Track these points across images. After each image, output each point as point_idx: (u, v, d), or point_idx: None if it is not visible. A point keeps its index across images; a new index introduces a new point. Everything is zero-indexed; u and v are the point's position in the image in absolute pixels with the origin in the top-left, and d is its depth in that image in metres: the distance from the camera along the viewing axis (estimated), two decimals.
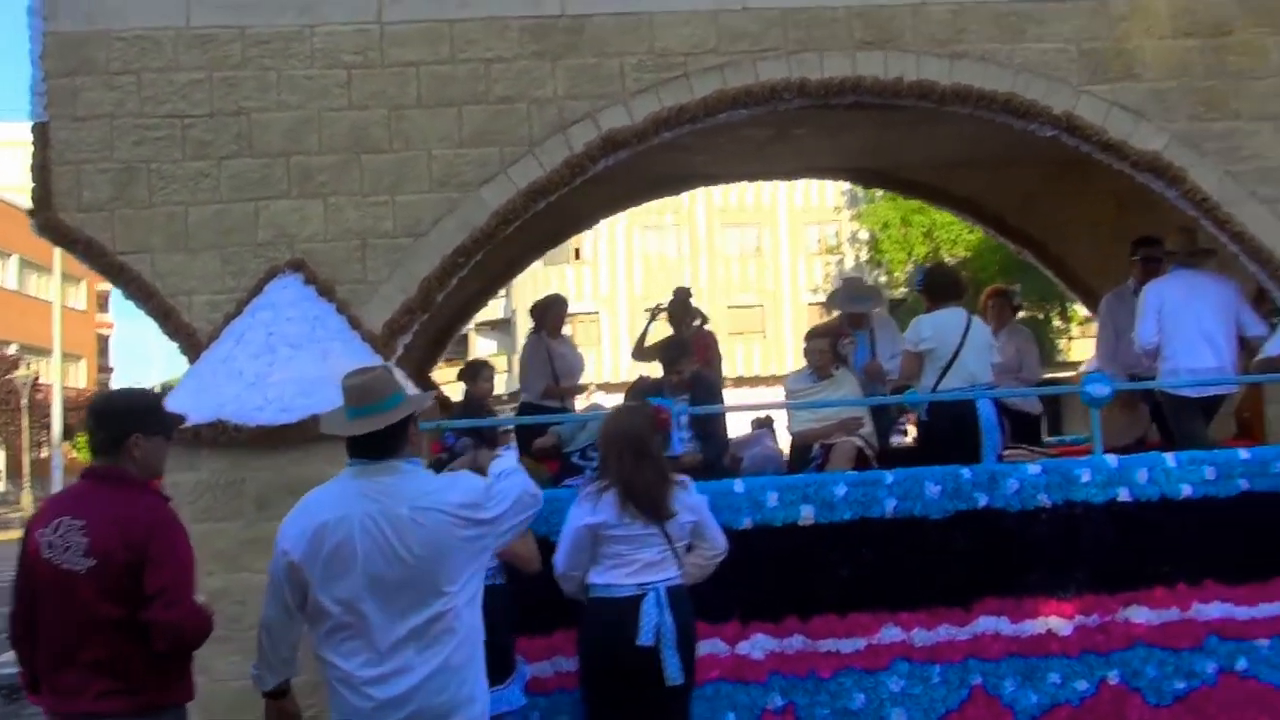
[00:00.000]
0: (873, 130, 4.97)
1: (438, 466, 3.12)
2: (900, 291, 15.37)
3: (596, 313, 26.05)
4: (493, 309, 29.45)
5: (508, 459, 2.56)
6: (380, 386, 2.38)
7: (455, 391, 5.38)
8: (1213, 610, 3.77)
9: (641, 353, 5.37)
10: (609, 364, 24.84)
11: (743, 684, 3.63)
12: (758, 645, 3.65)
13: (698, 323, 5.33)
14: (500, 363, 25.20)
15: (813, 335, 4.44)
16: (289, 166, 3.95)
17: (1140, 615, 3.75)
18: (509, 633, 3.04)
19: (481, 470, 2.66)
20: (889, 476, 3.75)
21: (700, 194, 25.81)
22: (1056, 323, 18.18)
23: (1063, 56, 4.17)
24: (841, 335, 4.52)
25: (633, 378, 5.25)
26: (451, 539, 2.23)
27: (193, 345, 3.83)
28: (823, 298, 24.98)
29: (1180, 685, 3.74)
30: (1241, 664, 3.78)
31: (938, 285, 4.25)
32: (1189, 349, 4.31)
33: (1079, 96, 4.17)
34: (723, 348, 5.55)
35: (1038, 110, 4.13)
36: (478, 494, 2.29)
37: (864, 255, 22.28)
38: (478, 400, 4.36)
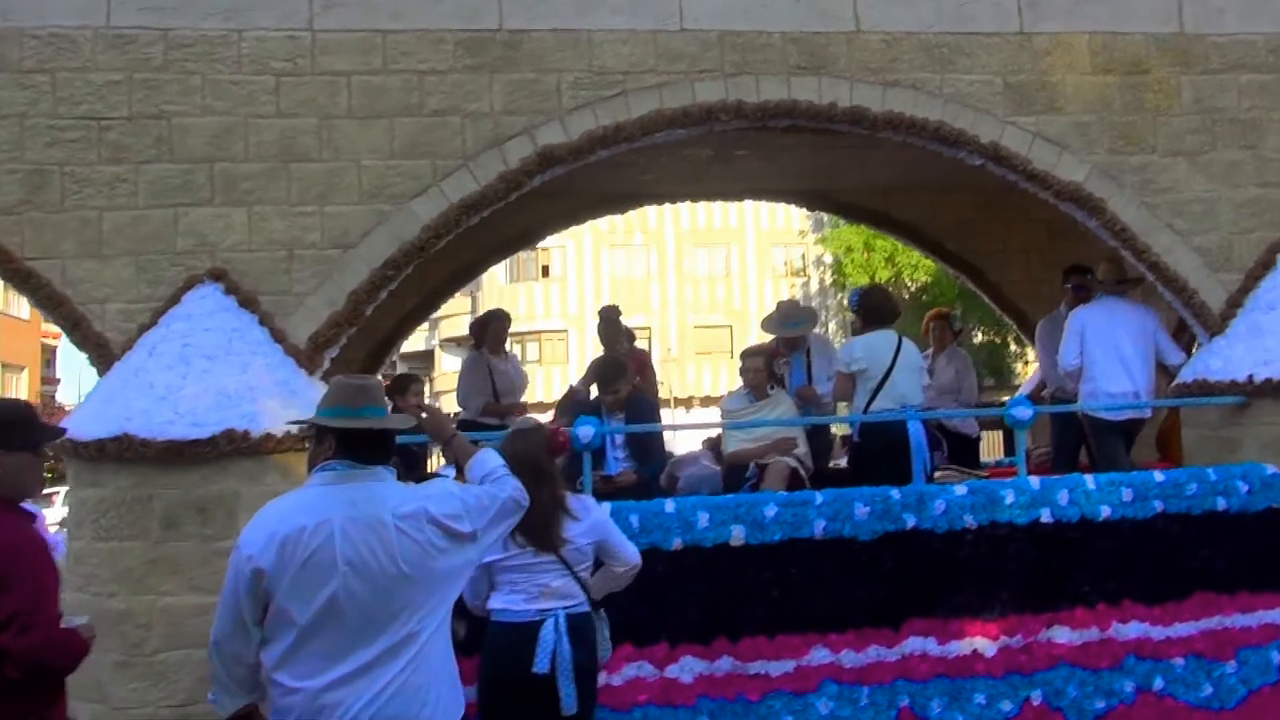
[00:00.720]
0: (811, 154, 5.07)
1: None
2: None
3: (565, 330, 25.99)
4: (459, 325, 29.32)
5: (490, 456, 2.44)
6: (378, 393, 2.32)
7: None
8: (1131, 630, 3.88)
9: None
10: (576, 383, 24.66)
11: (671, 708, 3.60)
12: (686, 668, 3.62)
13: (629, 343, 5.32)
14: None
15: (749, 355, 4.48)
16: (212, 173, 3.85)
17: (1062, 635, 3.83)
18: None
19: (459, 465, 2.57)
20: (819, 497, 3.78)
21: (669, 214, 26.15)
22: (1012, 346, 18.71)
23: (989, 88, 4.33)
24: (777, 355, 4.56)
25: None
26: (434, 551, 2.15)
27: (103, 356, 3.69)
28: None
29: (1100, 704, 3.83)
30: (1158, 683, 3.89)
31: (872, 307, 4.34)
32: (1108, 373, 4.47)
33: (1004, 127, 4.32)
34: (689, 367, 5.50)
35: (966, 139, 4.27)
36: (457, 505, 2.21)
37: (828, 278, 22.68)
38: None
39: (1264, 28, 4.54)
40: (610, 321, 5.36)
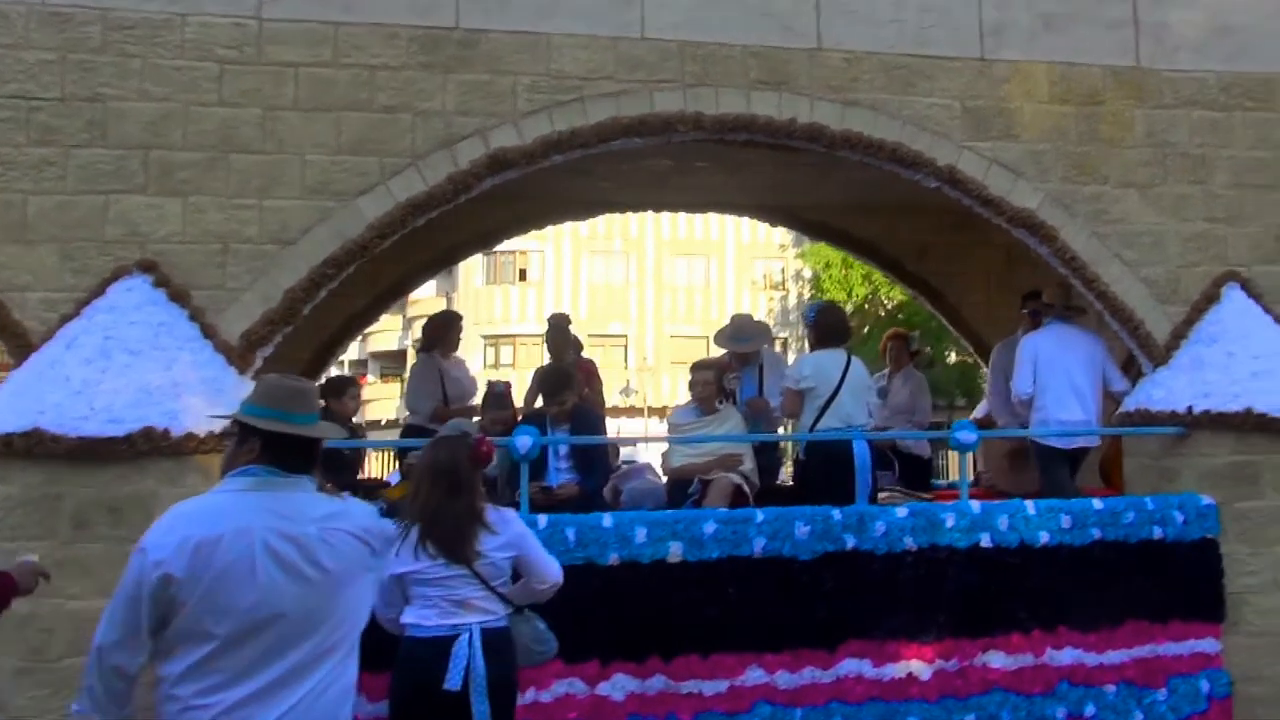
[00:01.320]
0: (771, 169, 5.07)
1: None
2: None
3: (540, 335, 25.69)
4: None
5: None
6: (313, 399, 2.20)
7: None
8: (1065, 656, 3.92)
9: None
10: None
11: None
12: (618, 686, 3.58)
13: (577, 352, 5.26)
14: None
15: (698, 368, 4.46)
16: (147, 160, 3.73)
17: (997, 660, 3.86)
18: None
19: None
20: (759, 515, 3.77)
21: (650, 223, 26.14)
22: (984, 368, 18.95)
23: (947, 112, 4.36)
24: (727, 369, 4.54)
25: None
26: (355, 564, 2.06)
27: (21, 346, 3.55)
28: None
29: None
30: (1089, 709, 3.93)
31: (825, 325, 4.34)
32: (1059, 401, 4.51)
33: (961, 151, 4.35)
34: (665, 376, 5.42)
35: (923, 161, 4.29)
36: (375, 518, 2.14)
37: (806, 292, 22.80)
38: (342, 420, 4.17)
39: (1215, 66, 4.64)
40: (559, 330, 5.30)
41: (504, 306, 26.45)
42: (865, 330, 15.21)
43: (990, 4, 4.45)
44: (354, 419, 4.27)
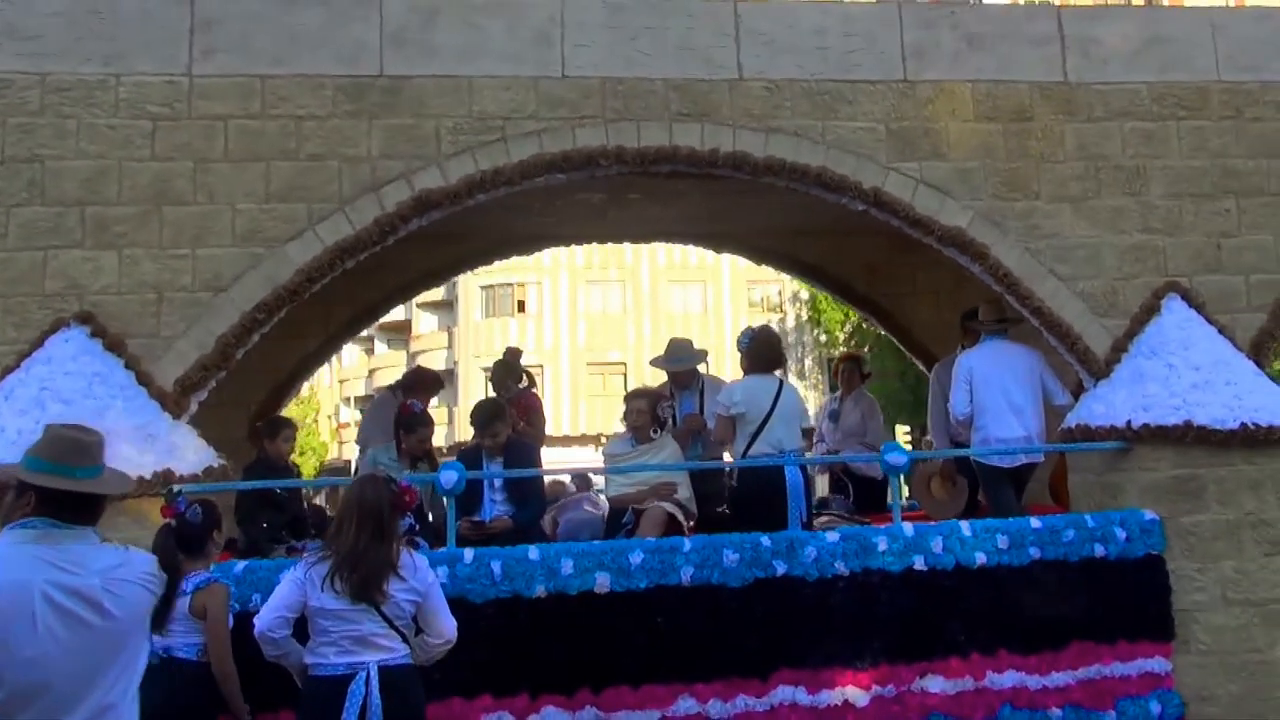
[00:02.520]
0: (703, 198, 5.18)
1: (176, 532, 3.04)
2: (839, 350, 15.75)
3: (540, 366, 26.21)
4: (437, 359, 29.42)
5: None
6: (95, 451, 2.27)
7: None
8: (1006, 679, 3.91)
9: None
10: (550, 418, 24.84)
11: None
12: (548, 718, 3.62)
13: (523, 384, 5.38)
14: (439, 415, 24.80)
15: (632, 397, 4.53)
16: (84, 216, 3.93)
17: (935, 685, 3.85)
18: (216, 715, 2.96)
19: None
20: (687, 544, 3.82)
21: (645, 251, 26.46)
22: None
23: (872, 135, 4.45)
24: (661, 398, 4.62)
25: (574, 432, 5.20)
26: (144, 611, 2.13)
27: None
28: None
29: None
30: None
31: (757, 351, 4.40)
32: (997, 419, 4.53)
33: (887, 173, 4.44)
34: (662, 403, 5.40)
35: (848, 185, 4.38)
36: (156, 565, 2.21)
37: (805, 314, 22.82)
38: (275, 461, 4.29)
39: (1147, 76, 4.70)
40: (504, 364, 5.42)
41: (503, 338, 26.87)
42: (866, 349, 15.19)
43: (913, 26, 4.56)
44: (286, 459, 4.39)
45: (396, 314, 33.78)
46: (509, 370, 5.37)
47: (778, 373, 4.43)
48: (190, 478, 3.65)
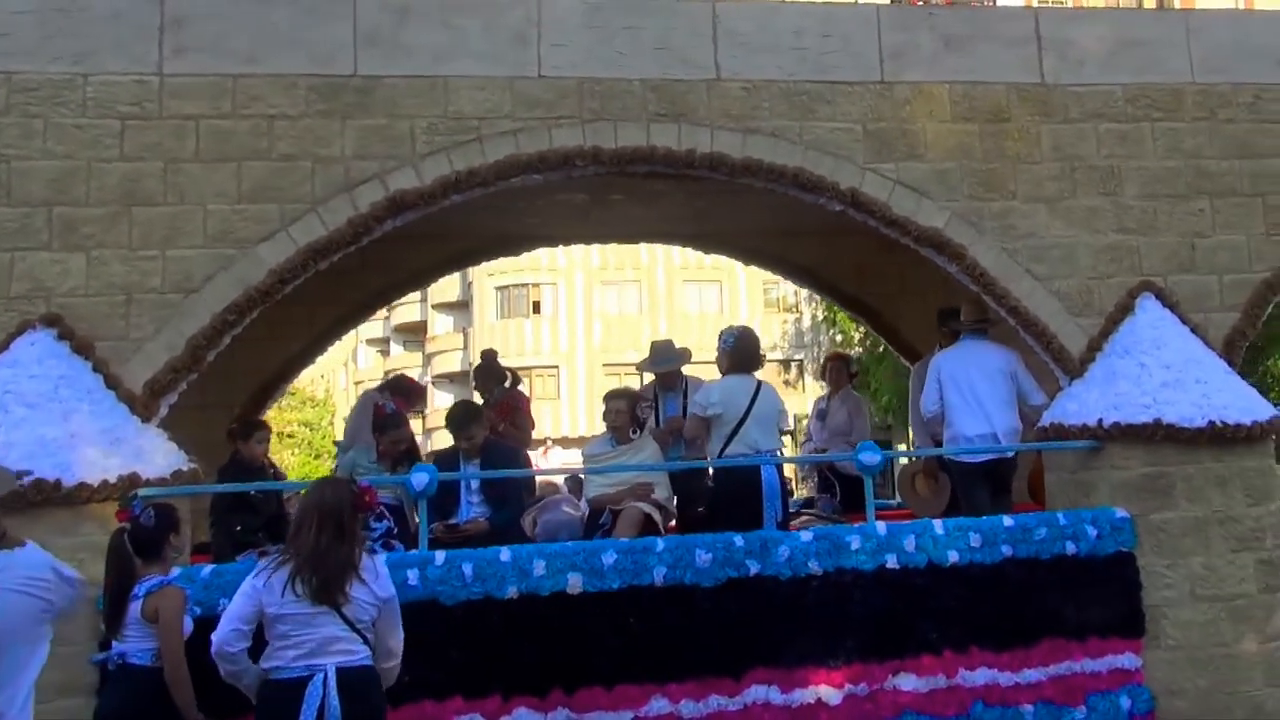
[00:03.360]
0: (685, 199, 5.22)
1: (131, 536, 3.05)
2: (855, 351, 15.83)
3: (555, 367, 26.41)
4: (452, 360, 29.53)
5: None
6: None
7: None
8: (978, 677, 3.97)
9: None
10: (566, 419, 25.21)
11: None
12: None
13: (507, 384, 5.39)
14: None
15: (611, 397, 4.57)
16: (51, 217, 3.92)
17: (908, 683, 3.91)
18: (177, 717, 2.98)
19: None
20: (660, 544, 3.86)
21: (660, 251, 26.63)
22: None
23: (849, 136, 4.49)
24: (640, 399, 4.65)
25: (589, 433, 5.23)
26: (30, 620, 2.11)
27: None
28: (780, 355, 25.86)
29: None
30: None
31: (738, 352, 4.44)
32: (964, 417, 4.59)
33: (864, 174, 4.48)
34: (676, 400, 5.43)
35: (825, 185, 4.42)
36: (51, 564, 2.20)
37: (820, 313, 22.94)
38: (249, 462, 4.30)
39: (1122, 79, 4.76)
40: (486, 366, 5.43)
41: (518, 339, 27.18)
42: (880, 350, 15.21)
43: (890, 27, 4.60)
44: (261, 461, 4.39)
45: (413, 315, 34.08)
46: (490, 373, 5.39)
47: (758, 374, 4.47)
48: (158, 481, 3.66)
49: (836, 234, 6.05)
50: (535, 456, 6.52)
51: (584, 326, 26.80)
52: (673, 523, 4.60)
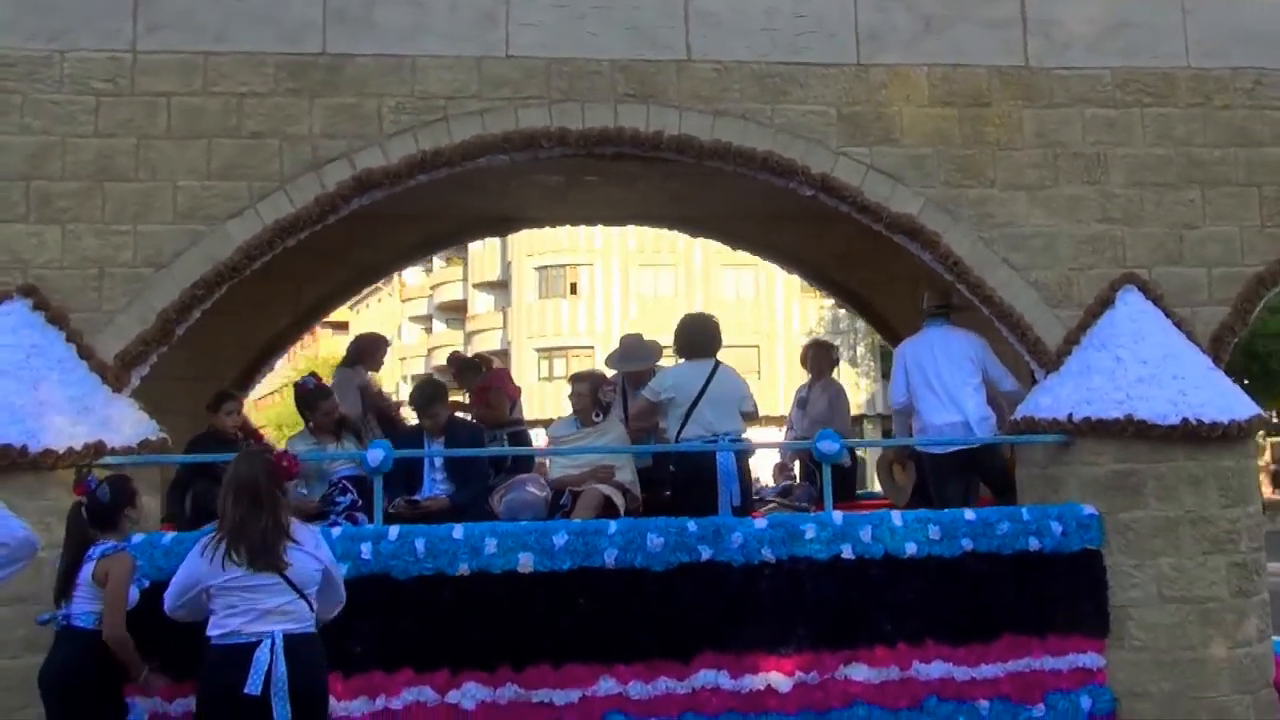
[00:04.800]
0: (658, 180, 5.24)
1: (87, 509, 3.19)
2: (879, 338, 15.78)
3: (591, 347, 26.86)
4: (493, 339, 30.02)
5: None
6: None
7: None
8: (933, 670, 4.00)
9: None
10: None
11: None
12: (469, 694, 3.78)
13: (485, 370, 5.58)
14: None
15: (575, 380, 4.64)
16: (28, 191, 4.08)
17: (859, 673, 3.95)
18: (116, 679, 3.12)
19: None
20: (612, 526, 3.93)
21: None
22: None
23: (822, 119, 4.48)
24: (604, 382, 4.70)
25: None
26: None
27: None
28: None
29: None
30: None
31: (689, 338, 4.47)
32: (931, 406, 4.58)
33: (837, 158, 4.47)
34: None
35: (795, 169, 4.42)
36: None
37: None
38: (220, 434, 4.45)
39: (1111, 62, 4.67)
40: (457, 370, 5.68)
41: (555, 320, 27.63)
42: None
43: (867, 8, 4.57)
44: (232, 433, 4.54)
45: (455, 293, 34.78)
46: (462, 372, 5.58)
47: (721, 357, 4.50)
48: (124, 450, 3.82)
49: (823, 219, 6.01)
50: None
51: (620, 308, 27.07)
52: (637, 506, 4.66)
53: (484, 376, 5.42)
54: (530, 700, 3.80)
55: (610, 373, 5.09)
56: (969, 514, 4.13)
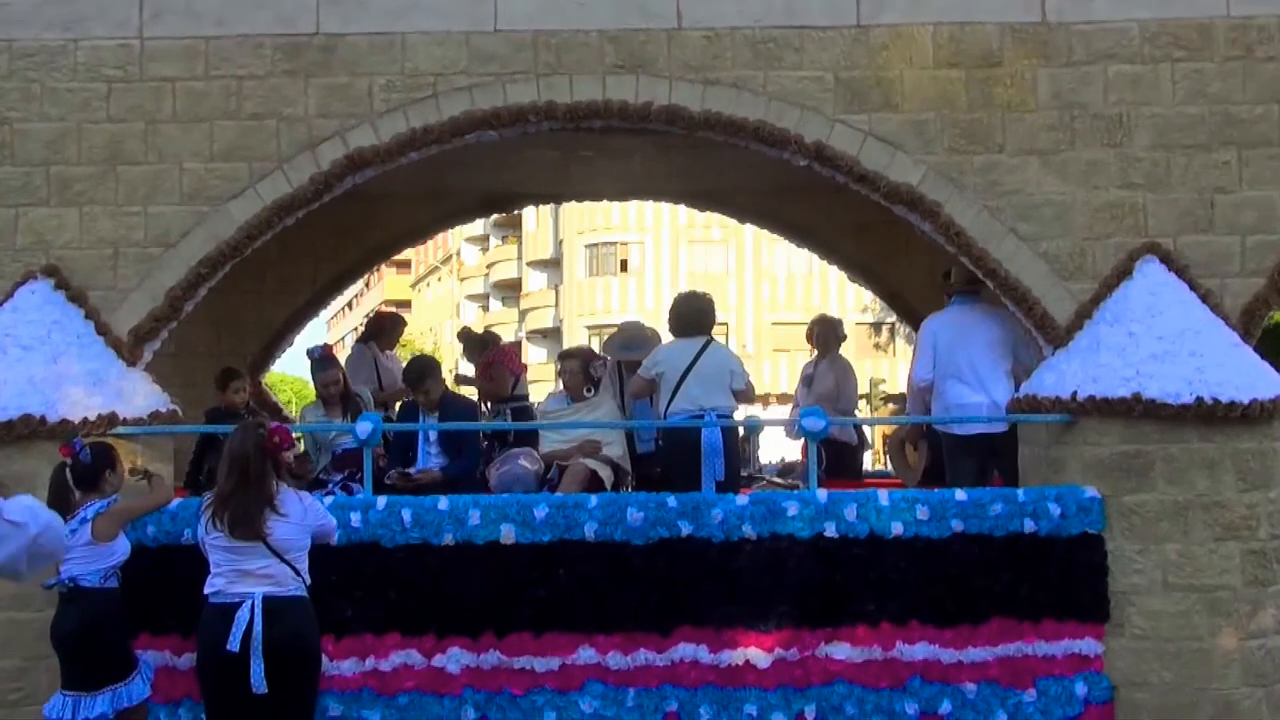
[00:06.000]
0: (655, 153, 5.20)
1: (71, 470, 3.47)
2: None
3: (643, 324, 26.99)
4: (544, 317, 30.59)
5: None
6: None
7: None
8: (917, 651, 3.99)
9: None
10: None
11: (437, 696, 3.96)
12: (453, 659, 3.97)
13: (491, 346, 5.79)
14: (547, 371, 26.43)
15: (565, 357, 4.73)
16: (49, 176, 4.37)
17: (841, 652, 3.98)
18: (125, 633, 3.39)
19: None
20: (592, 500, 4.03)
21: None
22: None
23: (818, 85, 4.38)
24: (594, 357, 4.76)
25: None
26: None
27: None
28: (870, 318, 25.34)
29: None
30: (945, 707, 4.00)
31: (681, 316, 4.49)
32: (957, 386, 4.50)
33: (833, 126, 4.37)
34: (765, 364, 5.71)
35: (788, 139, 4.35)
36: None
37: None
38: (230, 410, 4.73)
39: (1140, 13, 4.41)
40: (466, 345, 5.83)
41: (605, 297, 28.05)
42: None
43: None
44: (240, 410, 4.82)
45: (509, 272, 35.58)
46: (470, 346, 5.75)
47: (714, 334, 4.51)
48: (135, 420, 4.11)
49: (834, 191, 5.85)
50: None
51: (670, 284, 27.25)
52: (631, 480, 4.74)
53: (489, 352, 5.58)
54: (512, 666, 3.97)
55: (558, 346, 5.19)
56: (959, 494, 4.06)
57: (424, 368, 4.57)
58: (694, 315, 4.48)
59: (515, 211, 6.58)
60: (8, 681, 3.91)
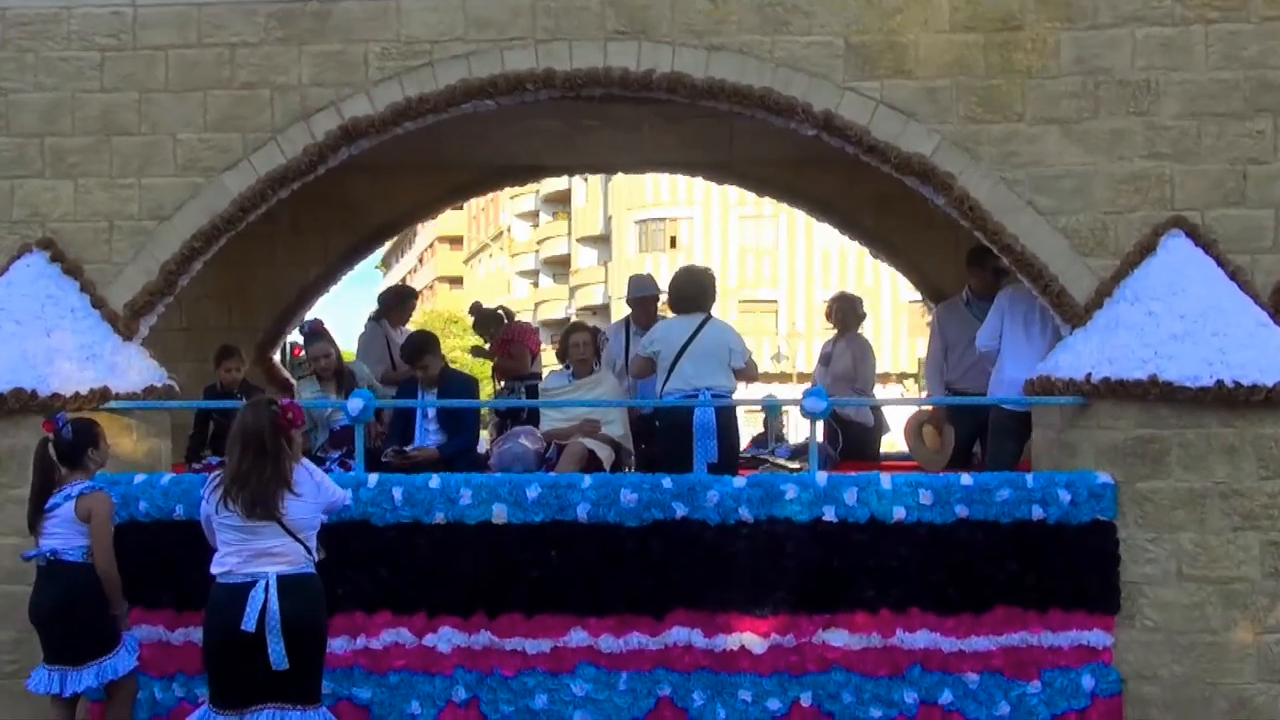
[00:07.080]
0: (664, 123, 5.08)
1: (54, 445, 3.49)
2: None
3: None
4: (593, 294, 30.53)
5: None
6: None
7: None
8: (918, 640, 3.93)
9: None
10: None
11: (428, 675, 3.99)
12: (444, 638, 3.98)
13: (507, 322, 5.76)
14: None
15: (573, 330, 4.68)
16: (43, 147, 4.38)
17: (838, 639, 3.93)
18: (105, 607, 3.42)
19: None
20: (586, 480, 3.99)
21: None
22: None
23: (827, 51, 4.24)
24: (598, 331, 4.71)
25: None
26: None
27: None
28: (920, 296, 24.75)
29: (877, 713, 3.93)
30: (946, 696, 3.94)
31: (677, 293, 4.42)
32: (1015, 360, 4.42)
33: (843, 94, 4.24)
34: (816, 342, 5.66)
35: (795, 107, 4.23)
36: None
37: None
38: (224, 388, 4.74)
39: None
40: (478, 319, 5.83)
41: (655, 272, 27.39)
42: None
43: None
44: (235, 387, 4.83)
45: (559, 248, 35.57)
46: (484, 321, 5.73)
47: (713, 311, 4.43)
48: (128, 395, 4.13)
49: (855, 163, 5.69)
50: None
51: (720, 260, 27.25)
52: (632, 459, 4.70)
53: (506, 328, 5.54)
54: (503, 648, 3.97)
55: (607, 325, 5.16)
56: (965, 479, 3.97)
57: (423, 342, 4.54)
58: (694, 290, 4.41)
59: (526, 184, 6.50)
60: (3, 654, 4.00)
